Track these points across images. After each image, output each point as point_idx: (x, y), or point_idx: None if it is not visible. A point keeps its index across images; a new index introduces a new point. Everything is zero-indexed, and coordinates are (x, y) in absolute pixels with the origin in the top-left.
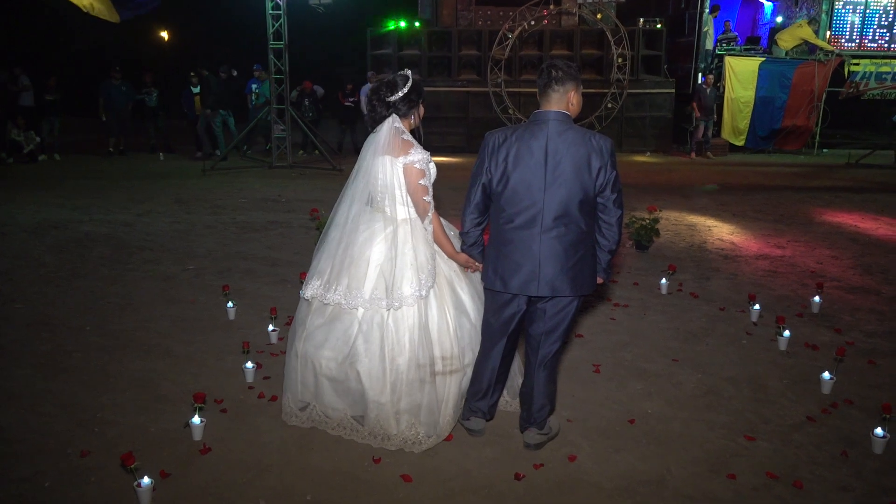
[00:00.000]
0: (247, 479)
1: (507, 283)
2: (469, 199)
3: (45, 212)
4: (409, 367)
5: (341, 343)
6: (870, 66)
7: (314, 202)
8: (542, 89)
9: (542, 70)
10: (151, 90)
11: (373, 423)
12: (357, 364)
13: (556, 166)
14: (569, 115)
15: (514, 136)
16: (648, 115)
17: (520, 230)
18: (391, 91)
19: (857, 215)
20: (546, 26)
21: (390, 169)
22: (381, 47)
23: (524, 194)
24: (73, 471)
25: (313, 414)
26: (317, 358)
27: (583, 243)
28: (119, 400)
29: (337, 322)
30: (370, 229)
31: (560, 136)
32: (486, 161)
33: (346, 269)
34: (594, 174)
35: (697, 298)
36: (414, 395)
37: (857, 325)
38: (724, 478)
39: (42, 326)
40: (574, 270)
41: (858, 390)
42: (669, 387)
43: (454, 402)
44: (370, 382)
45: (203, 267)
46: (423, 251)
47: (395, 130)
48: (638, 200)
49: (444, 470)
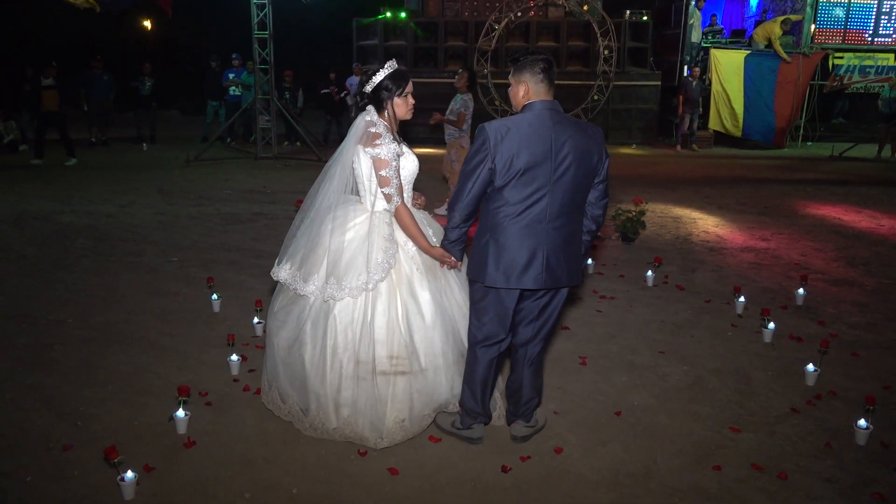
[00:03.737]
0: (232, 473)
1: (511, 278)
2: (464, 193)
3: (26, 203)
4: (349, 362)
5: (294, 326)
6: (853, 59)
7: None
8: (540, 80)
9: (533, 61)
10: (145, 79)
11: (314, 413)
12: (303, 350)
13: (562, 156)
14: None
15: (515, 126)
16: (634, 107)
17: (525, 222)
18: (368, 81)
19: (840, 208)
20: (532, 18)
21: (359, 160)
22: (367, 37)
23: (533, 184)
24: (55, 465)
25: (272, 395)
26: (277, 338)
27: (577, 233)
28: (102, 393)
29: (295, 305)
30: (338, 218)
31: (561, 125)
32: (489, 153)
33: (308, 254)
34: (595, 163)
35: (683, 291)
36: (352, 390)
37: (840, 317)
38: (709, 469)
39: (23, 319)
40: (573, 261)
41: (842, 382)
42: (655, 379)
43: (403, 405)
44: (312, 371)
45: (187, 259)
46: (381, 245)
47: (366, 123)
48: (624, 193)
49: (430, 463)
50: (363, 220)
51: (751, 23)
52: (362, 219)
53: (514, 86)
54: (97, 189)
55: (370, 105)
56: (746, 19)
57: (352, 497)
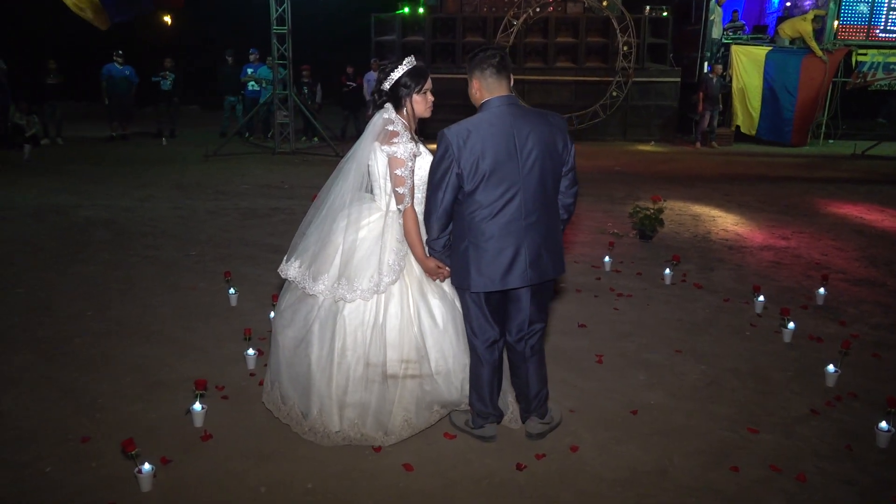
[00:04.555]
0: (247, 467)
1: (496, 279)
2: (436, 205)
3: (46, 196)
4: (358, 364)
5: (301, 326)
6: (877, 56)
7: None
8: (489, 76)
9: (486, 56)
10: (167, 74)
11: (315, 417)
12: (309, 350)
13: (527, 151)
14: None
15: (475, 128)
16: (653, 103)
17: (502, 222)
18: (385, 78)
19: (862, 207)
20: (551, 13)
21: (375, 158)
22: (385, 33)
23: (503, 184)
24: (73, 456)
25: (274, 396)
26: (283, 337)
27: (556, 223)
28: (119, 386)
29: (302, 304)
30: (352, 216)
31: (521, 119)
32: (454, 158)
33: (318, 253)
34: (562, 152)
35: (701, 289)
36: (360, 393)
37: (862, 317)
38: (726, 470)
39: (43, 312)
40: (555, 250)
41: (863, 383)
42: (672, 378)
43: (411, 406)
44: (318, 372)
45: (204, 253)
46: (393, 246)
47: (384, 120)
48: (642, 190)
49: (445, 460)
50: (377, 220)
51: (773, 19)
52: (376, 217)
53: (469, 83)
54: (116, 183)
55: (388, 102)
56: (768, 15)
57: (366, 492)
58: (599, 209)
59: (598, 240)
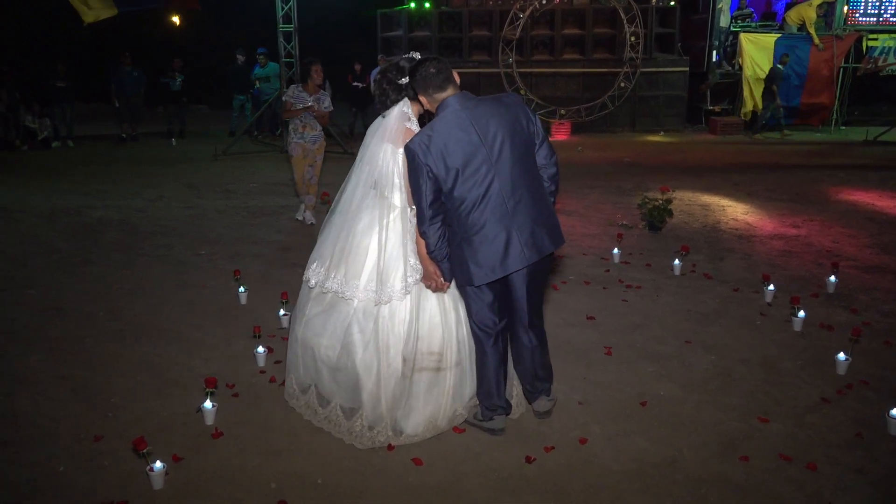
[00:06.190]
0: (258, 464)
1: (496, 267)
2: (425, 215)
3: (58, 198)
4: (397, 360)
5: (339, 332)
6: (888, 41)
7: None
8: (432, 89)
9: (422, 71)
10: (176, 75)
11: (367, 412)
12: (353, 354)
13: (492, 137)
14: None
15: (436, 132)
16: (662, 94)
17: (488, 210)
18: (402, 74)
19: (874, 193)
20: (557, 5)
21: (391, 157)
22: (391, 29)
23: (477, 174)
24: (86, 455)
25: (311, 400)
26: (316, 345)
27: (542, 195)
28: (131, 385)
29: (334, 311)
30: (371, 216)
31: (477, 109)
32: (422, 166)
33: (344, 258)
34: (527, 126)
35: (711, 279)
36: (396, 388)
37: (873, 305)
38: (736, 460)
39: (55, 312)
40: (548, 224)
41: (874, 371)
42: (682, 369)
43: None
44: (365, 373)
45: (215, 252)
46: (413, 247)
47: (402, 116)
48: (651, 180)
49: (454, 454)
50: (394, 219)
51: (781, 6)
52: (394, 216)
53: (419, 102)
54: (127, 184)
55: (406, 97)
56: (776, 3)
57: (376, 487)
58: (608, 201)
59: (607, 231)
